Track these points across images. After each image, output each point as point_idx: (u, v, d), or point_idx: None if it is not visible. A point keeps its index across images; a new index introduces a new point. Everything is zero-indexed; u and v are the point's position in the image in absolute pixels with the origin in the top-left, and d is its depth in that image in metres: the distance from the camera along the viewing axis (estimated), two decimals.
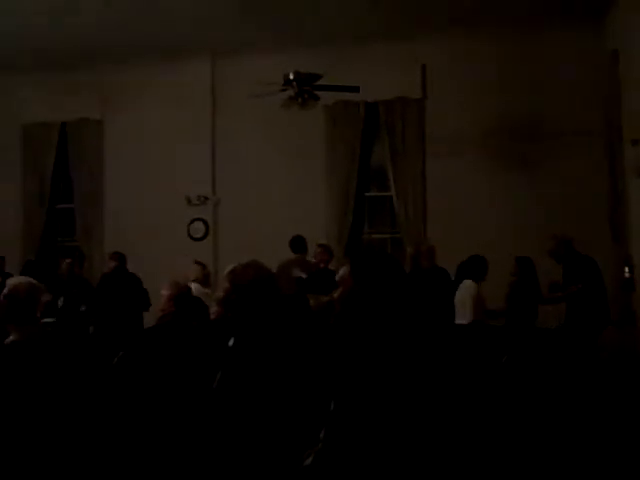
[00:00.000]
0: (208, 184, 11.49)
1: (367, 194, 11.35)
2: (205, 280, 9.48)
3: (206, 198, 11.44)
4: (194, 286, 8.35)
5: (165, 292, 5.48)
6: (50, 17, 9.53)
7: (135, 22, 9.83)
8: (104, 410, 4.73)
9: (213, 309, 6.32)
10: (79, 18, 9.59)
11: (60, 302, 9.46)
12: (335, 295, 4.20)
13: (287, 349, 3.39)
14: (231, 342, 3.65)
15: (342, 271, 4.15)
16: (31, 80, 11.74)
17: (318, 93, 9.48)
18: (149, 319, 7.96)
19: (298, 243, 9.47)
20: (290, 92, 9.36)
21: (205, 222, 11.46)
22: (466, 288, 8.01)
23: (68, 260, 10.40)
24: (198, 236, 11.44)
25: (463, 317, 7.90)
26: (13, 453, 3.94)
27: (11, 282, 4.52)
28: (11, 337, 4.32)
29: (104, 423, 4.64)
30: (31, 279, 4.61)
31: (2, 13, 9.35)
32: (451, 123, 10.49)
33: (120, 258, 9.81)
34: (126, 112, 11.74)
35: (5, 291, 4.43)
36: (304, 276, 8.84)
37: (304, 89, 9.33)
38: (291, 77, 9.23)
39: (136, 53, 11.01)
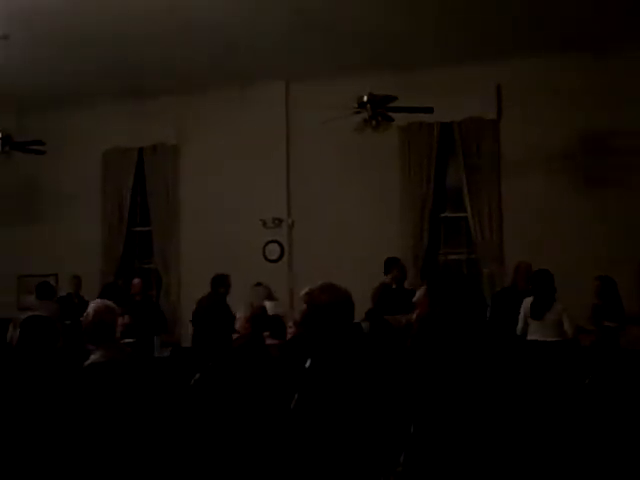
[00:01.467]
0: (283, 207, 11.55)
1: (442, 215, 11.25)
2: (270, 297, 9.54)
3: (281, 220, 11.49)
4: (268, 304, 8.39)
5: (241, 314, 5.53)
6: (128, 45, 9.74)
7: (210, 49, 9.97)
8: (182, 430, 4.77)
9: (290, 329, 6.35)
10: (154, 44, 9.79)
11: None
12: (413, 317, 4.16)
13: (365, 371, 3.36)
14: (308, 363, 3.64)
15: (419, 293, 4.11)
16: (111, 108, 11.98)
17: (392, 115, 9.46)
18: None
19: (386, 264, 9.40)
20: (364, 115, 9.37)
21: (280, 244, 11.51)
22: (561, 307, 7.95)
23: (137, 280, 10.60)
24: (273, 258, 11.49)
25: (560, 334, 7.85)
26: (92, 471, 3.99)
27: (90, 305, 4.63)
28: (91, 358, 4.40)
29: (182, 443, 4.67)
30: (108, 302, 4.69)
31: (83, 42, 9.60)
32: (527, 142, 10.34)
33: (212, 282, 9.79)
34: (201, 137, 11.92)
35: (85, 314, 4.53)
36: None
37: (378, 111, 9.31)
38: (365, 99, 9.22)
39: (211, 79, 11.16)
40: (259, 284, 9.82)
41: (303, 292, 3.57)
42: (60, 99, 11.87)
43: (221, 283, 9.74)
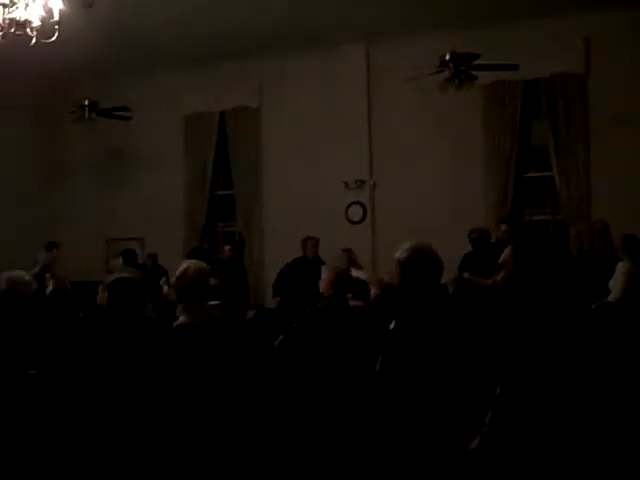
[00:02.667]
0: (365, 168, 11.48)
1: (527, 175, 11.01)
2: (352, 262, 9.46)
3: (363, 182, 11.44)
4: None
5: (325, 275, 5.52)
6: (209, 9, 9.77)
7: (290, 9, 9.90)
8: (266, 391, 4.82)
9: (372, 291, 6.34)
10: (236, 9, 9.78)
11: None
12: (498, 278, 4.10)
13: (450, 332, 3.33)
14: (392, 325, 3.63)
15: (505, 254, 4.04)
16: (192, 72, 12.08)
17: (475, 73, 9.28)
18: None
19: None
20: (446, 73, 9.21)
21: (363, 205, 11.48)
22: None
23: (228, 247, 10.74)
24: (356, 220, 11.47)
25: None
26: (183, 432, 4.07)
27: (181, 266, 4.68)
28: (180, 319, 4.46)
29: (266, 404, 4.72)
30: (200, 263, 4.74)
31: (164, 8, 9.66)
32: (617, 98, 9.97)
33: (302, 243, 9.85)
34: (282, 99, 11.90)
35: (176, 274, 4.59)
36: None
37: (460, 70, 9.15)
38: (447, 58, 9.07)
39: (292, 40, 11.09)
40: (347, 250, 9.76)
41: (395, 255, 3.57)
42: (143, 64, 12.00)
43: (303, 245, 9.79)
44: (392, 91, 10.96)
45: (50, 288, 6.89)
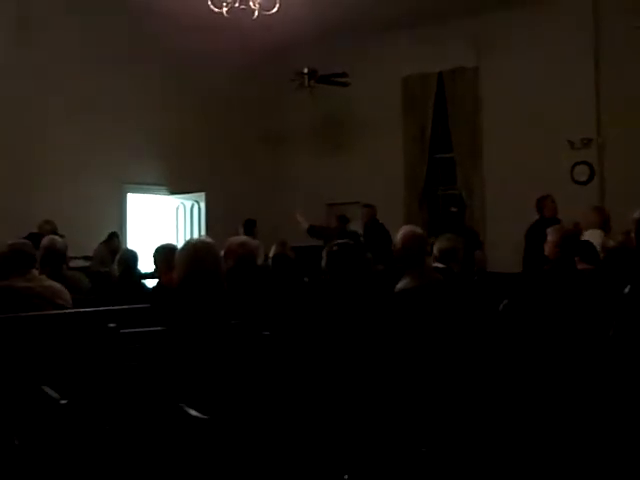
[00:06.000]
0: (592, 126, 10.93)
1: None
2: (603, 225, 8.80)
3: (590, 140, 10.90)
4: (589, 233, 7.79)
5: (550, 237, 5.39)
6: None
7: None
8: (489, 355, 4.71)
9: (601, 254, 6.05)
10: None
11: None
12: None
13: None
14: (627, 289, 3.43)
15: None
16: (409, 33, 12.03)
17: None
18: None
19: None
20: None
21: (590, 165, 10.94)
22: None
23: (454, 209, 10.67)
24: (582, 180, 10.98)
25: None
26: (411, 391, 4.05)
27: (400, 231, 4.70)
28: (402, 283, 4.46)
29: (489, 368, 4.61)
30: (416, 228, 4.73)
31: None
32: None
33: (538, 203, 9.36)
34: (502, 57, 11.57)
35: (395, 239, 4.61)
36: None
37: None
38: None
39: None
40: (599, 208, 9.13)
41: (634, 216, 3.38)
42: (359, 29, 12.05)
43: (541, 205, 9.25)
44: (622, 40, 10.34)
45: (272, 253, 7.11)
